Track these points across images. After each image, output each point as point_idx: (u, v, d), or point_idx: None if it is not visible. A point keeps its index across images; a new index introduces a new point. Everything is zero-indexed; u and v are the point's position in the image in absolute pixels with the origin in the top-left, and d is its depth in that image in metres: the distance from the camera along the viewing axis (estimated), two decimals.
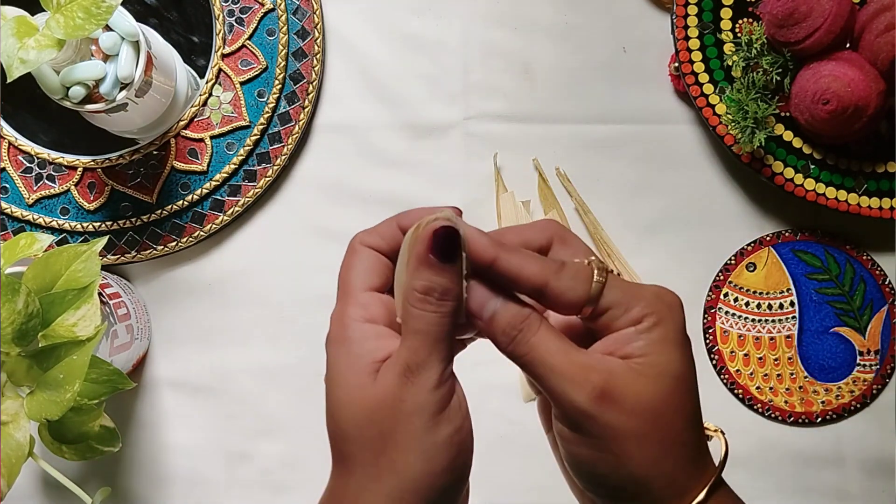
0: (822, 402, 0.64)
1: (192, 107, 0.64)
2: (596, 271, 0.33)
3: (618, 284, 0.33)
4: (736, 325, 0.65)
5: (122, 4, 0.52)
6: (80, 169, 0.64)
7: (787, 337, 0.65)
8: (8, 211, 0.64)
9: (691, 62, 0.63)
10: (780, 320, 0.65)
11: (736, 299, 0.65)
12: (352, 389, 0.33)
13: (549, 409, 0.35)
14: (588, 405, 0.31)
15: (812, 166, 0.63)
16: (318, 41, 0.65)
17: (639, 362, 0.32)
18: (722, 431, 0.35)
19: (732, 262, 0.65)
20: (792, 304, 0.65)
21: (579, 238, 0.36)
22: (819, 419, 0.64)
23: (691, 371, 0.33)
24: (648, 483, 0.32)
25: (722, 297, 0.65)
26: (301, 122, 0.65)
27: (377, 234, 0.35)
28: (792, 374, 0.64)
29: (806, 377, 0.64)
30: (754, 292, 0.65)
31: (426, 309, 0.32)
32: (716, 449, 0.35)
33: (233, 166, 0.64)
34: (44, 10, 0.51)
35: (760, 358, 0.64)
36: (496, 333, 0.33)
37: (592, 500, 0.35)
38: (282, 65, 0.64)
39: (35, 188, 0.64)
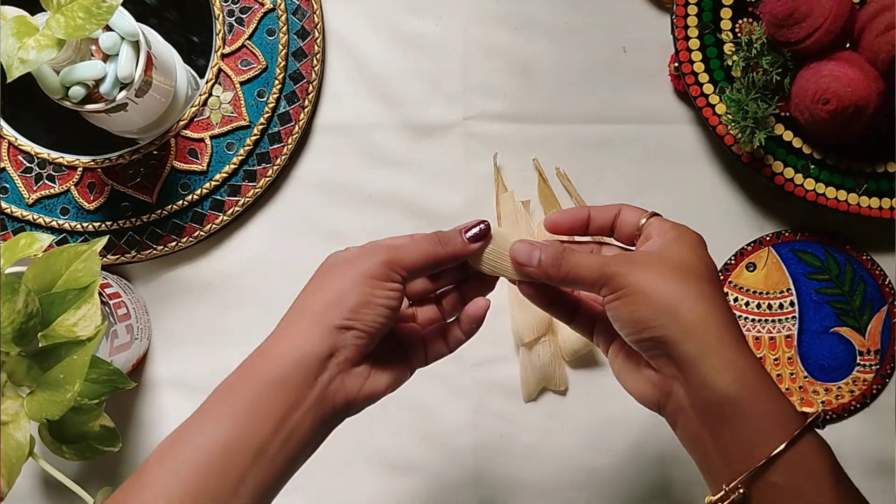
0: (822, 402, 0.64)
1: (192, 107, 0.64)
2: (649, 212, 0.46)
3: (659, 222, 0.45)
4: None
5: (122, 4, 0.52)
6: (80, 169, 0.64)
7: (787, 337, 0.65)
8: (8, 211, 0.64)
9: (691, 62, 0.63)
10: (780, 320, 0.65)
11: (736, 299, 0.65)
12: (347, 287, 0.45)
13: (607, 340, 0.46)
14: (607, 271, 0.41)
15: (812, 166, 0.63)
16: (318, 41, 0.65)
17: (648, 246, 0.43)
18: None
19: (732, 261, 0.65)
20: (792, 304, 0.65)
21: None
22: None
23: (694, 261, 0.41)
24: (663, 330, 0.39)
25: None
26: (301, 122, 0.65)
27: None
28: (792, 374, 0.64)
29: (806, 377, 0.64)
30: (754, 292, 0.65)
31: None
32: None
33: (233, 166, 0.64)
34: (44, 10, 0.51)
35: (760, 358, 0.64)
36: (547, 269, 0.42)
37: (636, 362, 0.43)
38: (282, 65, 0.64)
39: (35, 188, 0.64)
